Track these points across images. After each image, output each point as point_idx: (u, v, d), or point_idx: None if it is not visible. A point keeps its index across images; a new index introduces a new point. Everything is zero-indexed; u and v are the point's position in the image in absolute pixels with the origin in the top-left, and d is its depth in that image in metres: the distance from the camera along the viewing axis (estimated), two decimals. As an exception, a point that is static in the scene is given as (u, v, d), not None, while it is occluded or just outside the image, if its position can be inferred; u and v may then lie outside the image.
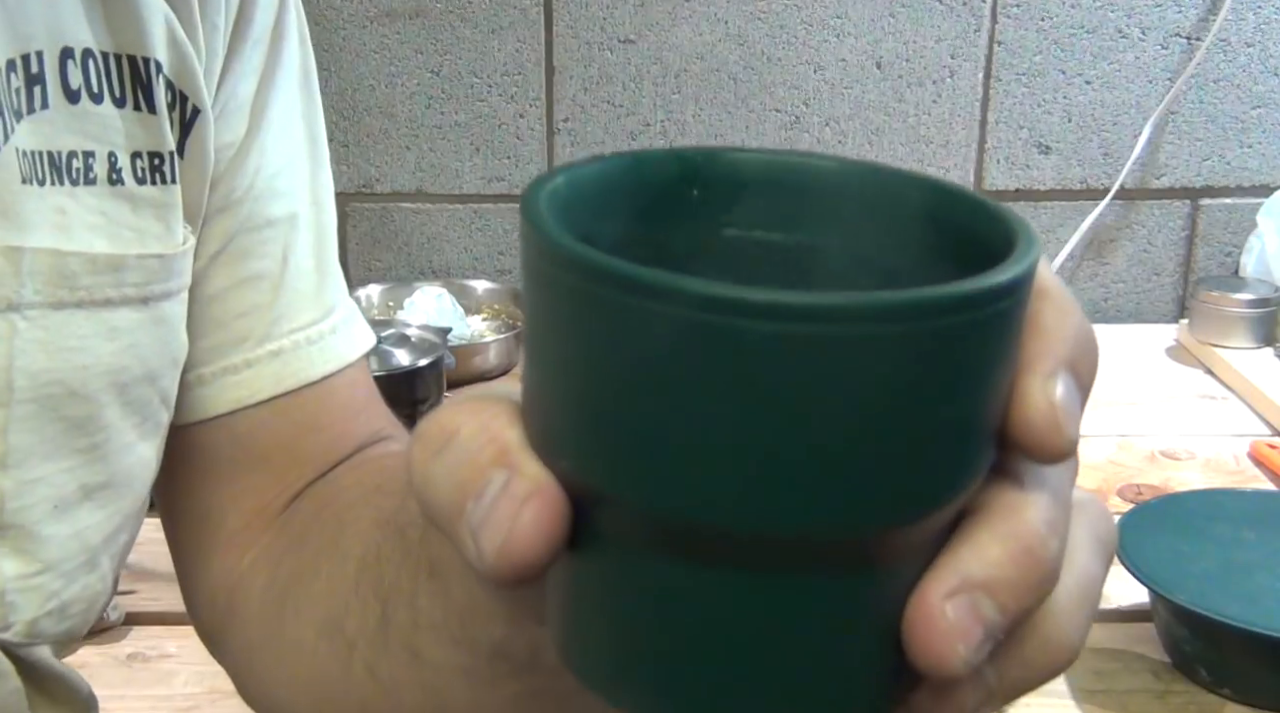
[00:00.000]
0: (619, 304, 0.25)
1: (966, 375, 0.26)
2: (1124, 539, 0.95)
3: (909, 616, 0.27)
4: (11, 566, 0.49)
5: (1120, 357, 1.51)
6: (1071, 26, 1.59)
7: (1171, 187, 1.65)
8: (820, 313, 0.24)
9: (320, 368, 0.58)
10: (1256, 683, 0.89)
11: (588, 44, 1.59)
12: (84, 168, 0.48)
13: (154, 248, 0.51)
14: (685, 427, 0.25)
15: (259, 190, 0.57)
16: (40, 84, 0.47)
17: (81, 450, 0.51)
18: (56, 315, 0.47)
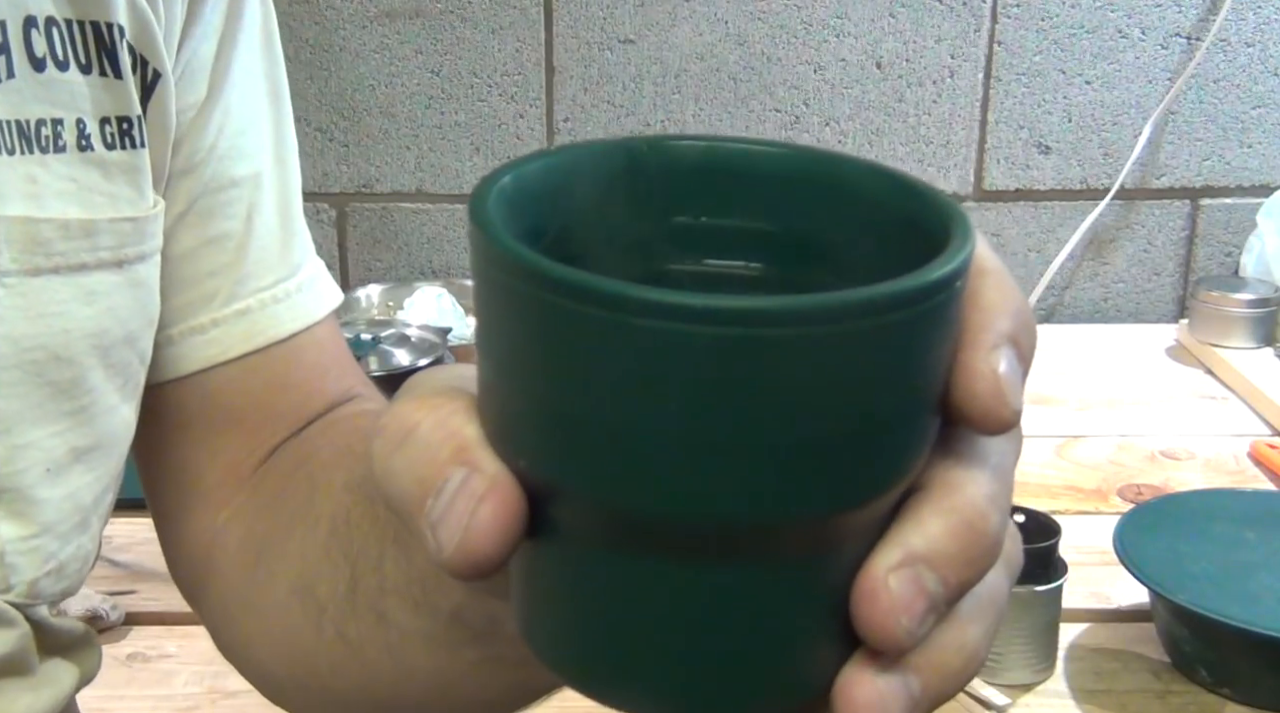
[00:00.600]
0: (556, 307, 0.26)
1: (900, 369, 0.27)
2: (1124, 539, 0.95)
3: (855, 590, 0.28)
4: (9, 529, 0.50)
5: (1120, 357, 1.51)
6: (1071, 26, 1.59)
7: (1171, 186, 1.65)
8: (753, 316, 0.25)
9: (288, 326, 0.59)
10: (1256, 683, 0.89)
11: (588, 44, 1.59)
12: (53, 135, 0.49)
13: (126, 212, 0.51)
14: (631, 424, 0.26)
15: (222, 151, 0.57)
16: (5, 54, 0.47)
17: (69, 414, 0.51)
18: (34, 281, 0.48)
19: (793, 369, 0.26)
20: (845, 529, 0.28)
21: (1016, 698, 0.89)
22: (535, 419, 0.28)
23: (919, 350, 0.27)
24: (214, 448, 0.59)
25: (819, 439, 0.27)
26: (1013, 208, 1.65)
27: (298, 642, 0.52)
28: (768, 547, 0.28)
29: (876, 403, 0.27)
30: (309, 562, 0.52)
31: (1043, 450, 1.27)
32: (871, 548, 0.28)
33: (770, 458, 0.26)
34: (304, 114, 1.60)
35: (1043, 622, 0.90)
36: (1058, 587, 0.90)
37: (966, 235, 0.28)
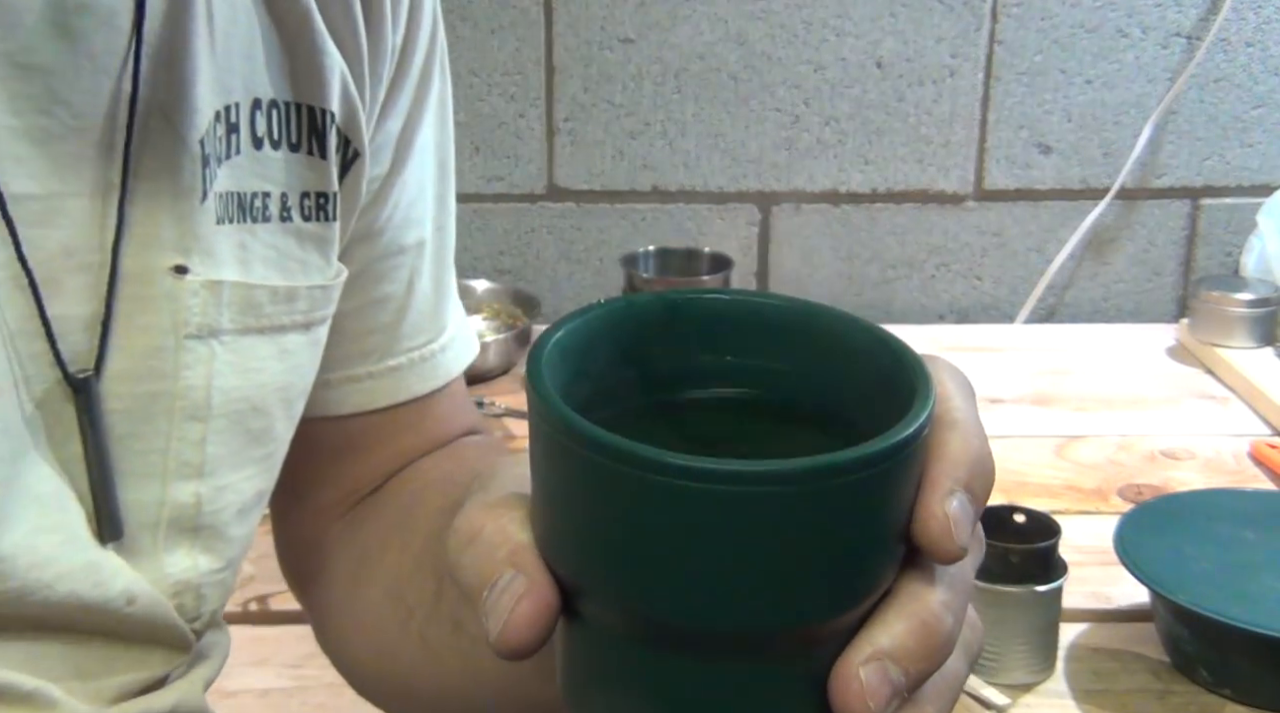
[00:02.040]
0: (591, 462, 0.33)
1: (867, 513, 0.33)
2: (1124, 539, 0.95)
3: (832, 680, 0.34)
4: (205, 562, 0.55)
5: (1120, 357, 1.51)
6: (1071, 26, 1.59)
7: (1171, 186, 1.65)
8: (744, 477, 0.32)
9: (430, 384, 0.66)
10: (1256, 683, 0.89)
11: (588, 44, 1.59)
12: (262, 207, 0.54)
13: (317, 279, 0.57)
14: (649, 553, 0.33)
15: (397, 220, 0.63)
16: (236, 133, 0.52)
17: (258, 460, 0.56)
18: (244, 340, 0.53)
19: (778, 516, 0.32)
20: (827, 632, 0.35)
21: (1016, 698, 0.89)
22: (573, 541, 0.35)
23: (882, 498, 0.34)
24: (339, 473, 0.66)
25: (802, 567, 0.33)
26: (1013, 208, 1.65)
27: (385, 639, 0.60)
28: (762, 647, 0.34)
29: (849, 539, 0.33)
30: (403, 570, 0.59)
31: (1043, 450, 1.27)
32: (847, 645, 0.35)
33: (763, 582, 0.33)
34: (304, 114, 1.60)
35: (1043, 622, 0.90)
36: (1058, 587, 0.90)
37: (925, 404, 0.34)
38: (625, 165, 1.63)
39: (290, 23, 0.54)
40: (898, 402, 0.34)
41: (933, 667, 0.35)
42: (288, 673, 0.88)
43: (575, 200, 1.64)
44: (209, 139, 0.51)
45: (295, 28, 0.54)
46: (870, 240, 1.66)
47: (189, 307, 0.51)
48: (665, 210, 1.65)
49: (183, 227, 0.50)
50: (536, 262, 1.66)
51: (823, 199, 1.64)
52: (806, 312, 0.39)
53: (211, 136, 0.51)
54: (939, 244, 1.66)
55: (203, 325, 0.51)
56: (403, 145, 0.62)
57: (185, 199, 0.50)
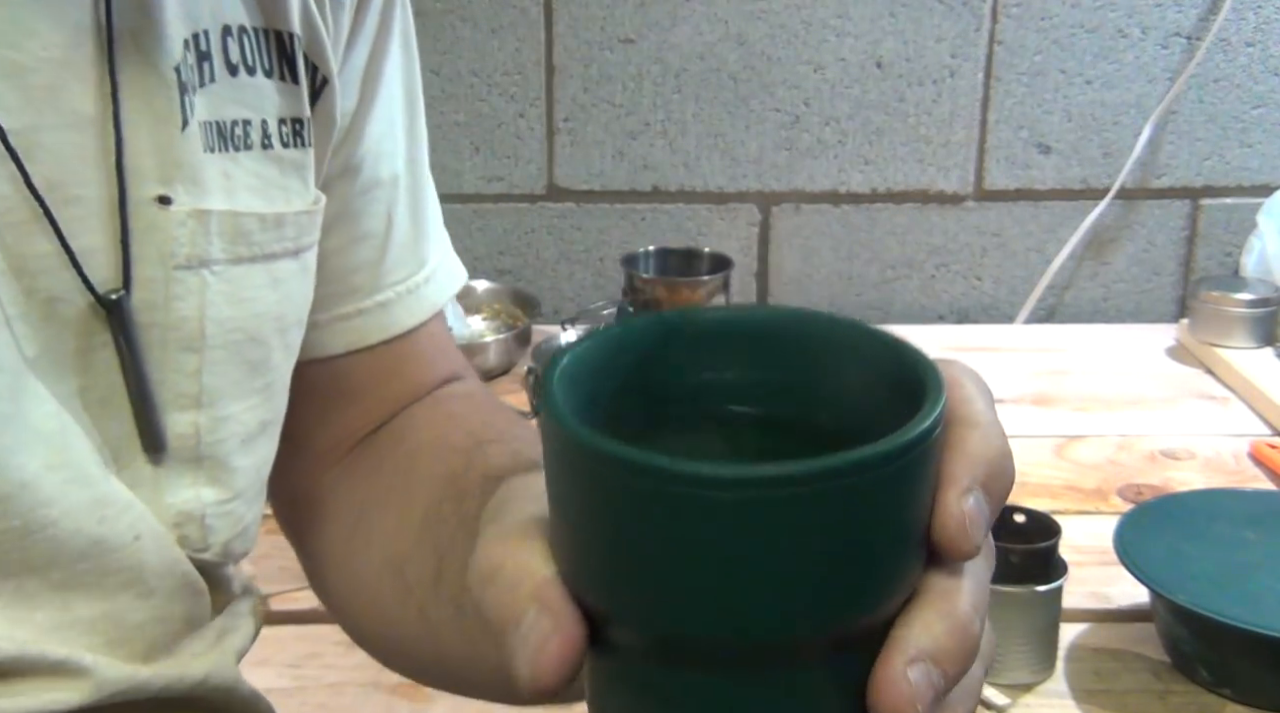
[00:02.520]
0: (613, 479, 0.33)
1: (880, 512, 0.33)
2: (1124, 539, 0.95)
3: (877, 682, 0.33)
4: (210, 493, 0.55)
5: (1120, 357, 1.51)
6: (1071, 26, 1.59)
7: (1171, 186, 1.65)
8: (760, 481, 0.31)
9: (417, 316, 0.66)
10: (1256, 683, 0.89)
11: (588, 44, 1.59)
12: (243, 134, 0.54)
13: (300, 205, 0.56)
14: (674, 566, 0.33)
15: (371, 154, 0.63)
16: (208, 60, 0.52)
17: (258, 390, 0.56)
18: (235, 269, 0.53)
19: (800, 517, 0.32)
20: (858, 634, 0.34)
21: (1016, 698, 0.89)
22: (598, 565, 0.35)
23: (900, 496, 0.33)
24: (330, 418, 0.66)
25: (830, 569, 0.32)
26: (1013, 208, 1.65)
27: (385, 609, 0.60)
28: (796, 654, 0.34)
29: (871, 538, 0.33)
30: (403, 543, 0.59)
31: (1043, 450, 1.27)
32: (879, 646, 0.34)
33: (791, 587, 0.32)
34: (304, 114, 1.60)
35: (1043, 622, 0.90)
36: (1058, 587, 0.90)
37: (938, 398, 0.34)
38: (625, 165, 1.63)
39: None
40: (909, 401, 0.34)
41: (965, 669, 0.35)
42: (288, 673, 0.88)
43: (575, 200, 1.64)
44: (183, 67, 0.51)
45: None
46: (870, 240, 1.66)
47: (175, 237, 0.50)
48: (665, 210, 1.65)
49: (164, 156, 0.50)
50: (536, 262, 1.67)
51: (823, 199, 1.64)
52: (804, 320, 0.39)
53: (184, 64, 0.51)
54: (939, 244, 1.66)
55: (191, 256, 0.51)
56: (370, 78, 0.62)
57: (164, 127, 0.50)
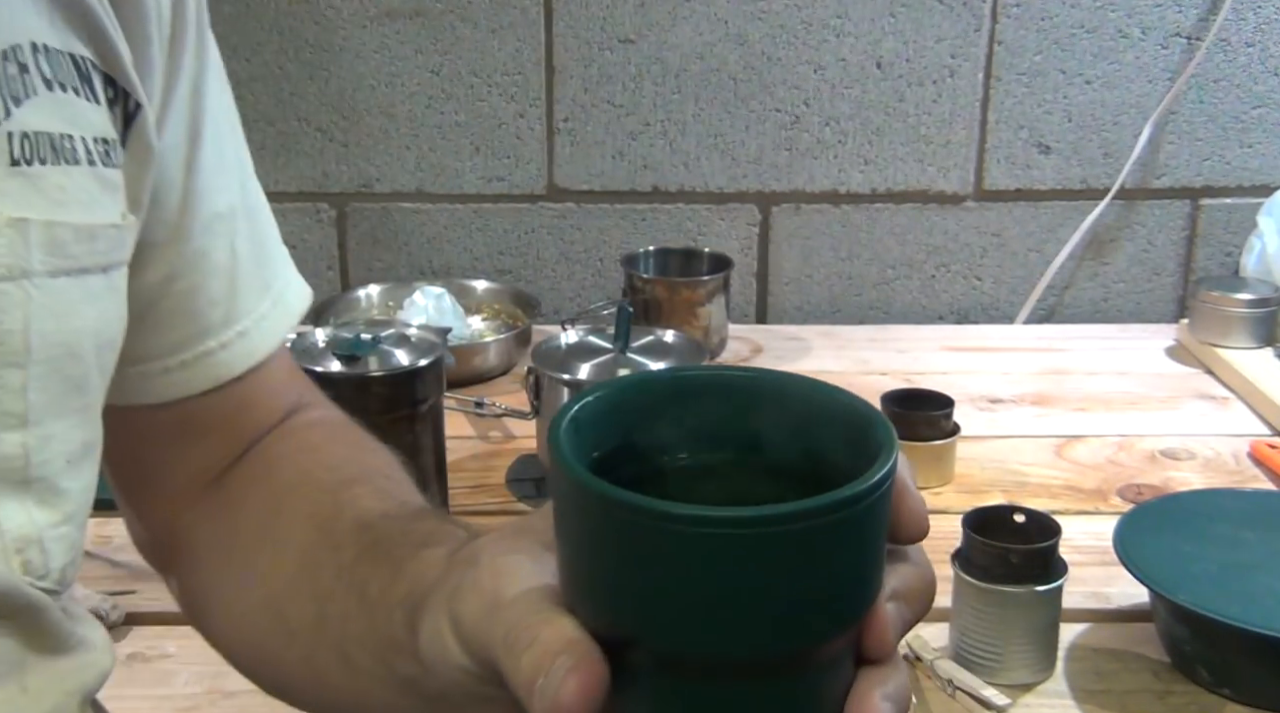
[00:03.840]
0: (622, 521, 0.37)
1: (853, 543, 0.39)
2: (1124, 539, 0.95)
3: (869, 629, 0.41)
4: (43, 516, 0.54)
5: (1120, 357, 1.51)
6: (1071, 26, 1.59)
7: (1171, 186, 1.65)
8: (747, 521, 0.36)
9: (271, 344, 0.66)
10: (1256, 683, 0.89)
11: (588, 44, 1.59)
12: (71, 149, 0.53)
13: (112, 219, 0.55)
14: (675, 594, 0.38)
15: (208, 189, 0.63)
16: (27, 73, 0.52)
17: (79, 409, 0.55)
18: (54, 282, 0.52)
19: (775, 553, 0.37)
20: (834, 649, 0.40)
21: (1016, 698, 0.89)
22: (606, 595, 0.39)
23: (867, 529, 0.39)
24: (182, 456, 0.66)
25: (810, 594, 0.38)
26: (1013, 208, 1.65)
27: (267, 651, 0.61)
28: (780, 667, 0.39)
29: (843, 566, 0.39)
30: (278, 585, 0.60)
31: (1043, 450, 1.27)
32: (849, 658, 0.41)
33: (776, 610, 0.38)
34: (304, 114, 1.60)
35: (1043, 622, 0.90)
36: (1058, 587, 0.90)
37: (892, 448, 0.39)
38: (625, 165, 1.63)
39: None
40: (868, 451, 0.40)
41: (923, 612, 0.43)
42: (288, 673, 0.88)
43: (575, 200, 1.64)
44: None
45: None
46: (870, 240, 1.66)
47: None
48: (665, 210, 1.65)
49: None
50: (536, 262, 1.67)
51: (823, 199, 1.64)
52: (780, 382, 0.44)
53: (2, 75, 0.51)
54: (939, 244, 1.66)
55: (13, 266, 0.50)
56: (195, 114, 0.62)
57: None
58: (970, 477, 1.21)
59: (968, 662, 0.90)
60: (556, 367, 1.16)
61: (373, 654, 0.53)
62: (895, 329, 1.63)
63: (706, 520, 0.36)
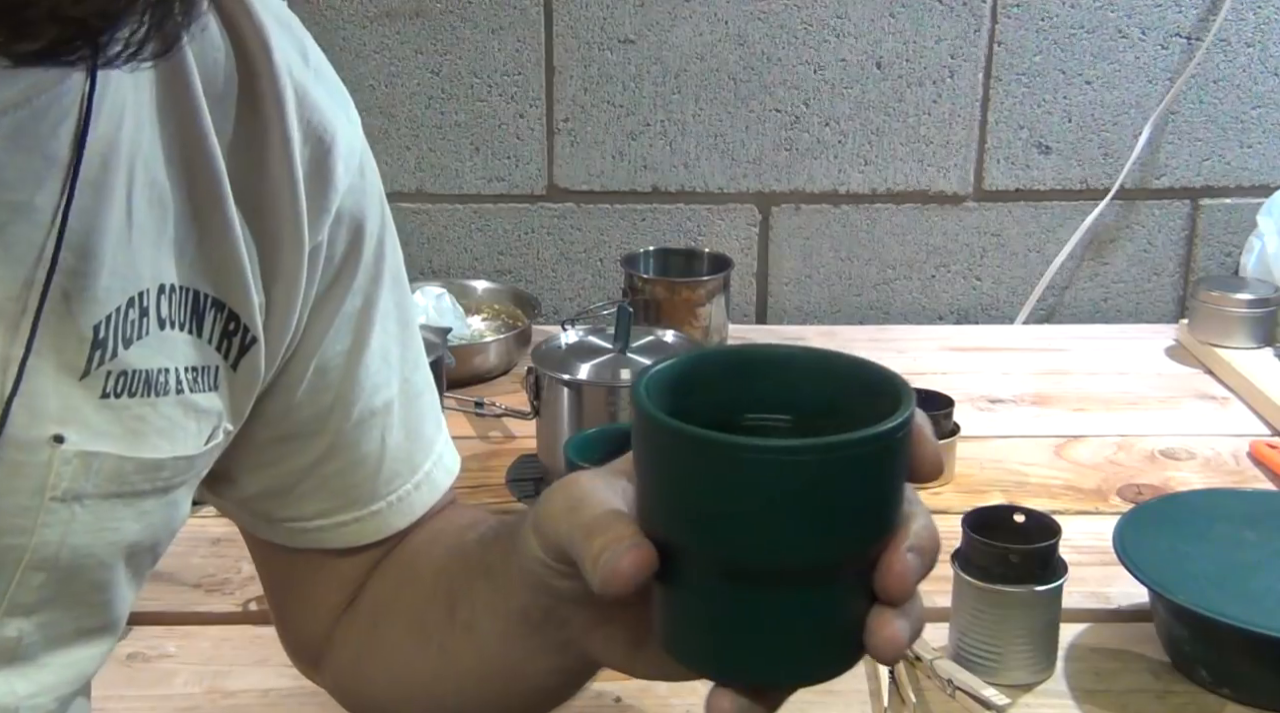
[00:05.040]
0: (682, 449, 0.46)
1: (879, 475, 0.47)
2: (1124, 539, 0.95)
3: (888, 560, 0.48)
4: (21, 686, 0.58)
5: (1120, 357, 1.51)
6: (1071, 26, 1.59)
7: (1171, 186, 1.65)
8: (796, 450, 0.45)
9: (408, 519, 0.73)
10: (1256, 683, 0.89)
11: (588, 44, 1.59)
12: (163, 382, 0.59)
13: (188, 450, 0.60)
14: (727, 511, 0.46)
15: (366, 389, 0.69)
16: (146, 316, 0.57)
17: (90, 603, 0.59)
18: (105, 504, 0.57)
19: (821, 478, 0.45)
20: (869, 557, 0.48)
21: (1016, 698, 0.89)
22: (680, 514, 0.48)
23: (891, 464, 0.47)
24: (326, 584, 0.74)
25: (855, 511, 0.47)
26: (1013, 208, 1.65)
27: (409, 664, 0.69)
28: (826, 573, 0.48)
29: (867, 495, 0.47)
30: (418, 605, 0.69)
31: (1043, 450, 1.27)
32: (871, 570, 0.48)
33: (826, 527, 0.46)
34: (304, 114, 1.60)
35: (1043, 622, 0.90)
36: (1058, 587, 0.90)
37: (911, 397, 0.48)
38: (625, 165, 1.63)
39: (204, 211, 0.59)
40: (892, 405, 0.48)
41: (933, 563, 0.49)
42: (288, 673, 0.88)
43: (575, 201, 1.64)
44: (111, 323, 0.55)
45: (207, 217, 0.59)
46: (870, 240, 1.66)
47: (59, 473, 0.55)
48: (665, 210, 1.65)
49: (64, 401, 0.54)
50: (536, 262, 1.67)
51: (823, 199, 1.64)
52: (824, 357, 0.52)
53: (119, 320, 0.56)
54: (939, 244, 1.66)
55: (69, 490, 0.55)
56: (363, 322, 0.69)
57: (67, 376, 0.54)
58: (970, 477, 1.21)
59: (967, 662, 0.90)
60: (556, 367, 1.16)
61: (493, 609, 0.61)
62: (895, 329, 1.63)
63: (765, 450, 0.45)
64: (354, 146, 0.66)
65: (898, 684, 0.89)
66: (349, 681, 0.75)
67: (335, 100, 0.65)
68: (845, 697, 0.89)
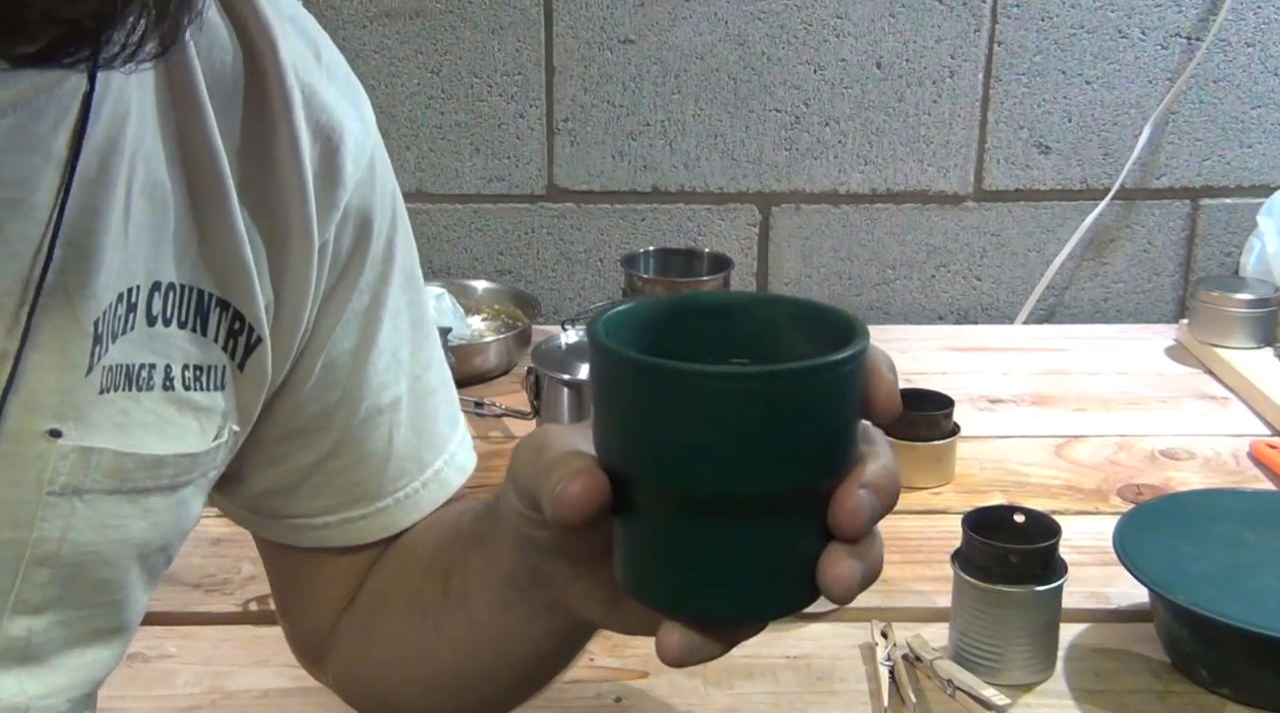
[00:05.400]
0: (634, 377, 0.47)
1: (831, 404, 0.47)
2: (1124, 539, 0.95)
3: (840, 497, 0.48)
4: (31, 687, 0.58)
5: (1120, 357, 1.51)
6: (1071, 26, 1.59)
7: (1171, 186, 1.65)
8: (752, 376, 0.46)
9: (404, 523, 0.73)
10: (1256, 683, 0.89)
11: (588, 44, 1.59)
12: (147, 377, 0.58)
13: (191, 446, 0.61)
14: (678, 439, 0.47)
15: (373, 386, 0.70)
16: (134, 312, 0.57)
17: (100, 604, 0.60)
18: (108, 500, 0.57)
19: (770, 405, 0.46)
20: (823, 491, 0.48)
21: (1016, 698, 0.89)
22: (631, 442, 0.48)
23: (843, 393, 0.48)
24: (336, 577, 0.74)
25: (807, 442, 0.47)
26: (1013, 208, 1.65)
27: (405, 645, 0.70)
28: (778, 506, 0.48)
29: (820, 424, 0.47)
30: (415, 585, 0.70)
31: (1043, 450, 1.27)
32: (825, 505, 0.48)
33: (780, 455, 0.47)
34: (304, 114, 1.60)
35: (1043, 622, 0.90)
36: (1058, 587, 0.90)
37: (864, 335, 0.48)
38: (625, 165, 1.63)
39: (207, 211, 0.60)
40: (843, 340, 0.48)
41: (890, 506, 0.49)
42: (288, 673, 0.88)
43: (575, 200, 1.64)
44: (105, 318, 0.56)
45: (210, 216, 0.60)
46: (870, 240, 1.66)
47: (56, 467, 0.55)
48: (665, 210, 1.65)
49: (64, 396, 0.55)
50: (536, 262, 1.67)
51: (823, 199, 1.64)
52: (771, 300, 0.53)
53: (110, 315, 0.56)
54: (939, 244, 1.66)
55: (67, 485, 0.55)
56: (371, 318, 0.69)
57: (71, 371, 0.55)
58: (970, 477, 1.21)
59: (967, 662, 0.90)
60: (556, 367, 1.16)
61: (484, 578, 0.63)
62: (895, 329, 1.63)
63: (715, 376, 0.46)
64: (363, 144, 0.66)
65: (898, 684, 0.89)
66: (351, 670, 0.75)
67: (348, 98, 0.65)
68: (845, 697, 0.89)
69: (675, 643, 0.49)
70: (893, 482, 0.49)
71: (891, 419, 0.50)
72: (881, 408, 0.49)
